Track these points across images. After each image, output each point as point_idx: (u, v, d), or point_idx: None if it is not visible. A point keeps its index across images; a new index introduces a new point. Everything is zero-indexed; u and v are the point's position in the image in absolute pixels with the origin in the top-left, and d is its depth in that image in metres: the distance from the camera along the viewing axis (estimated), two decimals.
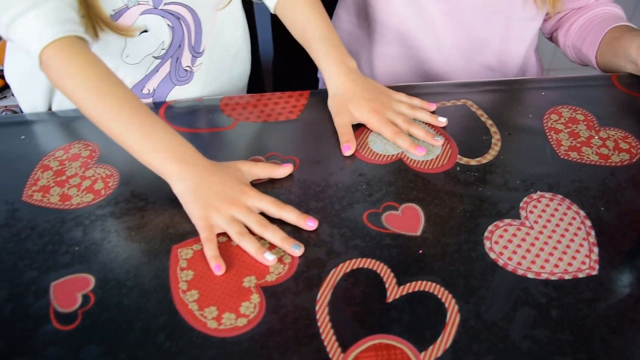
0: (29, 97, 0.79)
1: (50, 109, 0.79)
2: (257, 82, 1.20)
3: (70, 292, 0.52)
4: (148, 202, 0.59)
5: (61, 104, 0.78)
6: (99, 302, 0.51)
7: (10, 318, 0.49)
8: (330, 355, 0.46)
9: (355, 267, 0.53)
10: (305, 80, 1.14)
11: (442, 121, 0.68)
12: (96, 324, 0.49)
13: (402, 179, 0.62)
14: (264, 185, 0.60)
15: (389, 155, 0.65)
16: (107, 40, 0.68)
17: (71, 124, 0.71)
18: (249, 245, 0.54)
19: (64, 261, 0.54)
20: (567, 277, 0.52)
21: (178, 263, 0.53)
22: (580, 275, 0.53)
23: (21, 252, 0.55)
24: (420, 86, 0.77)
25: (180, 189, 0.56)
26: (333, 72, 0.70)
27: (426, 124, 0.69)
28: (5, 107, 1.51)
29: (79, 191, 0.61)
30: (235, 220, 0.55)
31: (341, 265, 0.53)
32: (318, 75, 1.13)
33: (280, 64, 1.22)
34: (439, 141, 0.65)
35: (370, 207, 0.59)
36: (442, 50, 0.86)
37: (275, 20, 1.15)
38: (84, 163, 0.64)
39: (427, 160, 0.64)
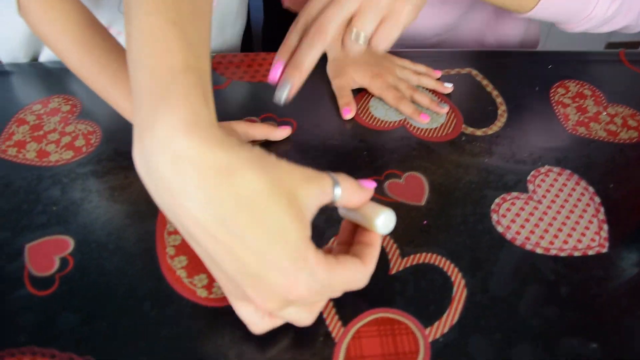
0: (8, 47, 0.73)
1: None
2: (247, 45, 1.16)
3: (46, 254, 0.48)
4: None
5: (51, 56, 0.73)
6: (78, 265, 0.47)
7: None
8: (330, 329, 0.43)
9: None
10: None
11: (448, 87, 0.65)
12: (75, 290, 0.45)
13: (404, 147, 0.58)
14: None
15: (391, 122, 0.61)
16: None
17: (50, 77, 0.65)
18: None
19: (40, 221, 0.50)
20: (576, 254, 0.50)
21: (165, 226, 0.49)
22: (590, 252, 0.50)
23: None
24: (423, 53, 0.74)
25: None
26: None
27: (430, 91, 0.66)
28: None
29: (58, 147, 0.56)
30: None
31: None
32: None
33: (271, 28, 1.18)
34: (443, 109, 0.62)
35: (372, 174, 0.55)
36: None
37: None
38: (64, 118, 0.59)
39: (431, 129, 0.61)
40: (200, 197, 0.31)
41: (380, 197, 0.53)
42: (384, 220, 0.39)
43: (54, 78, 0.65)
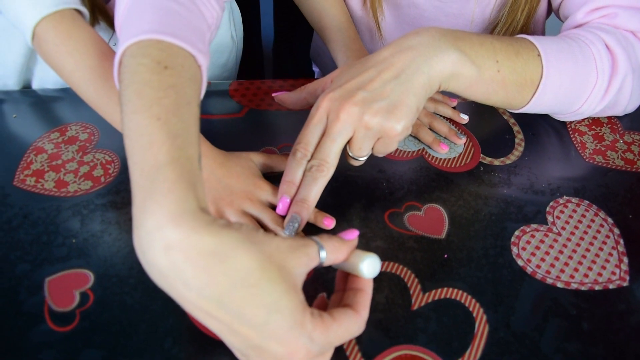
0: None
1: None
2: (257, 64, 1.17)
3: (66, 289, 0.47)
4: None
5: (42, 84, 0.73)
6: (98, 300, 0.47)
7: (1, 315, 0.45)
8: None
9: None
10: (305, 64, 1.11)
11: (464, 118, 0.65)
12: (96, 325, 0.45)
13: (423, 177, 0.58)
14: (277, 179, 0.56)
15: (409, 152, 0.61)
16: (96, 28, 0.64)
17: (68, 103, 0.65)
18: None
19: (59, 254, 0.50)
20: (597, 287, 0.50)
21: None
22: (611, 286, 0.50)
23: (12, 242, 0.50)
24: None
25: None
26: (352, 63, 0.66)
27: (446, 119, 0.66)
28: None
29: (76, 177, 0.56)
30: (246, 215, 0.51)
31: None
32: (314, 69, 1.10)
33: (281, 47, 1.19)
34: (461, 139, 0.62)
35: (392, 206, 0.55)
36: None
37: (277, 3, 1.12)
38: (82, 147, 0.59)
39: (450, 159, 0.61)
40: (195, 284, 0.34)
41: (400, 230, 0.53)
42: (367, 267, 0.41)
43: (70, 104, 0.65)
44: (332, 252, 0.40)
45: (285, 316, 0.35)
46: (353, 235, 0.43)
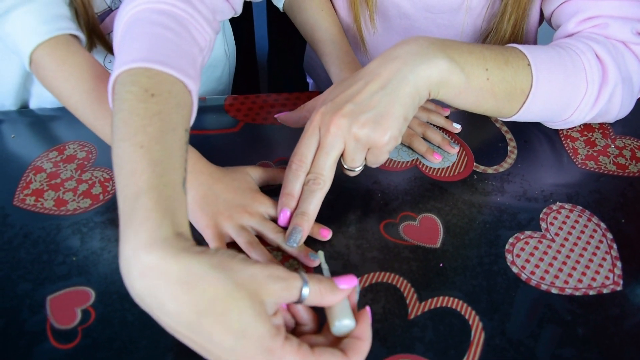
0: None
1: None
2: (252, 76, 1.18)
3: (68, 306, 0.48)
4: None
5: (40, 104, 0.74)
6: (100, 318, 0.47)
7: (4, 334, 0.46)
8: None
9: (374, 281, 0.50)
10: (300, 75, 1.13)
11: (457, 127, 0.66)
12: (98, 342, 0.46)
13: (418, 187, 0.59)
14: (274, 192, 0.57)
15: (403, 162, 0.62)
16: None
17: (65, 122, 0.66)
18: (260, 257, 0.50)
19: (60, 272, 0.50)
20: (591, 292, 0.50)
21: None
22: (605, 291, 0.51)
23: (14, 262, 0.51)
24: None
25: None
26: (345, 77, 0.67)
27: (439, 128, 0.67)
28: None
29: (75, 196, 0.57)
30: (245, 229, 0.52)
31: (359, 279, 0.50)
32: (308, 80, 1.11)
33: (275, 58, 1.20)
34: (454, 148, 0.63)
35: (387, 217, 0.56)
36: None
37: (270, 15, 1.13)
38: (80, 165, 0.60)
39: (443, 168, 0.62)
40: (167, 309, 0.36)
41: (396, 241, 0.54)
42: (337, 329, 0.42)
43: (68, 124, 0.66)
44: (315, 295, 0.40)
45: (253, 342, 0.36)
46: (349, 283, 0.42)
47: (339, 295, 0.42)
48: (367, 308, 0.43)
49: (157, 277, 0.36)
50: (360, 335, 0.41)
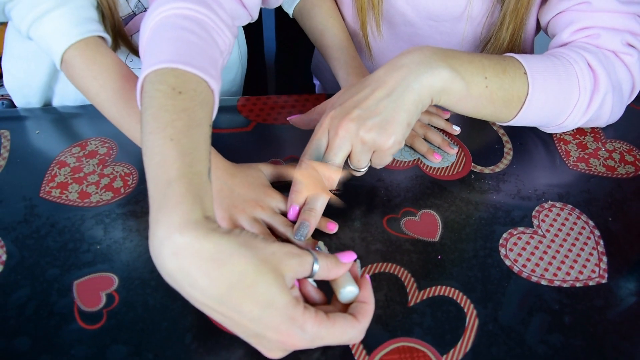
0: (24, 93, 0.78)
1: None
2: (261, 78, 1.21)
3: (93, 291, 0.52)
4: None
5: (62, 102, 0.78)
6: (123, 301, 0.51)
7: (35, 316, 0.50)
8: (356, 358, 0.48)
9: (377, 271, 0.54)
10: (307, 78, 1.16)
11: (456, 129, 0.70)
12: (121, 324, 0.49)
13: (419, 185, 0.63)
14: (284, 188, 0.61)
15: (405, 162, 0.66)
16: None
17: (87, 119, 0.70)
18: None
19: (85, 259, 0.54)
20: (578, 284, 0.54)
21: None
22: (591, 283, 0.54)
23: (42, 249, 0.55)
24: None
25: None
26: (353, 82, 0.71)
27: (439, 130, 0.70)
28: (2, 96, 1.49)
29: (98, 189, 0.61)
30: (257, 221, 0.56)
31: (364, 269, 0.54)
32: (314, 82, 1.15)
33: (283, 61, 1.23)
34: (454, 149, 0.67)
35: (390, 212, 0.60)
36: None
37: (278, 20, 1.16)
38: (102, 160, 0.64)
39: (443, 167, 0.65)
40: (199, 285, 0.39)
41: (398, 234, 0.58)
42: (343, 295, 0.47)
43: (90, 120, 0.70)
44: (324, 269, 0.45)
45: (278, 311, 0.40)
46: (349, 258, 0.48)
47: (343, 269, 0.47)
48: (367, 276, 0.49)
49: (190, 256, 0.39)
50: (365, 299, 0.47)
